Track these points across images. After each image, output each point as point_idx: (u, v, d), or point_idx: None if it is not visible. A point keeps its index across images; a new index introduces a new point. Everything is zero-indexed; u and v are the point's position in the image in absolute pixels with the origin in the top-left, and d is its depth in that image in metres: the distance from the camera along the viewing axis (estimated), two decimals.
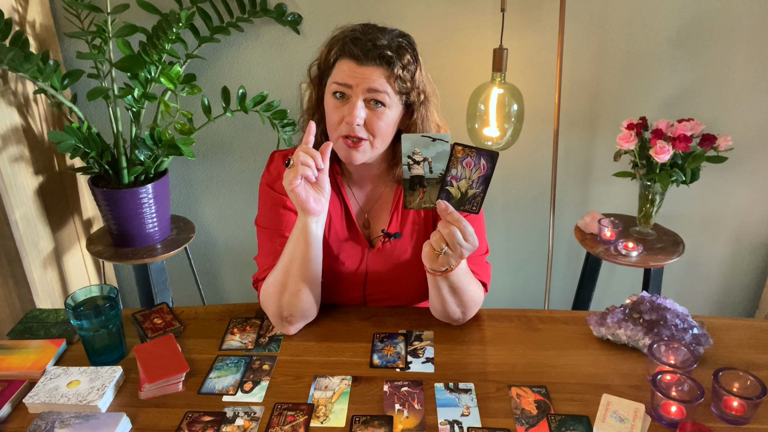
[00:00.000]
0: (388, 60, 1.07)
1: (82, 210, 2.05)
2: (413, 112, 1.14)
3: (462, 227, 0.97)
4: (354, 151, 1.10)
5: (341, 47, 1.09)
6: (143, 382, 1.01)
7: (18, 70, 1.51)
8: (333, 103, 1.10)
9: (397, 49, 1.08)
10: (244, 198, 2.18)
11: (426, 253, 1.03)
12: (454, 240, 0.98)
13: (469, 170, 0.97)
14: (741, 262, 2.20)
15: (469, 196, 0.99)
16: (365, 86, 1.06)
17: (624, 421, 0.94)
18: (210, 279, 2.36)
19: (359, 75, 1.06)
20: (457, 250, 0.99)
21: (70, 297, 1.07)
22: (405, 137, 0.97)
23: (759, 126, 1.95)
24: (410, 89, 1.11)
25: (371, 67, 1.07)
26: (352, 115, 1.07)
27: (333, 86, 1.09)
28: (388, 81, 1.08)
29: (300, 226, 1.08)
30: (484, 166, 0.97)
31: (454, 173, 0.98)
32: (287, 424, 0.95)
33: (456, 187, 0.99)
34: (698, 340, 1.08)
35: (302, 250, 1.09)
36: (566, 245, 2.21)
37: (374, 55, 1.06)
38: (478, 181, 0.98)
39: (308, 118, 1.19)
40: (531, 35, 1.88)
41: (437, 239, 1.00)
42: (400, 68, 1.08)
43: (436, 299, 1.14)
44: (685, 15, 1.83)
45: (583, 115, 1.99)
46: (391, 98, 1.09)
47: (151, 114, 1.91)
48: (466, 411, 0.97)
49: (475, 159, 0.97)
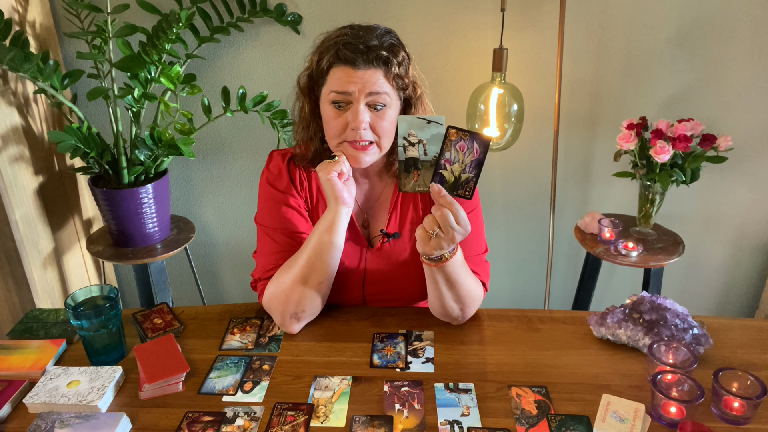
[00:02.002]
0: (385, 60, 1.07)
1: (82, 210, 2.05)
2: (410, 105, 1.16)
3: (454, 210, 0.98)
4: (362, 154, 1.11)
5: (334, 53, 1.07)
6: (143, 382, 1.01)
7: (18, 70, 1.51)
8: (333, 112, 1.10)
9: (390, 48, 1.09)
10: (244, 198, 2.18)
11: (419, 236, 1.03)
12: (447, 222, 0.98)
13: (463, 154, 0.98)
14: (741, 262, 2.20)
15: (462, 180, 1.00)
16: (366, 90, 1.06)
17: (624, 421, 0.94)
18: (210, 279, 2.36)
19: (358, 80, 1.06)
20: (449, 233, 1.00)
21: (70, 297, 1.07)
22: (401, 118, 0.98)
23: (759, 126, 1.95)
24: (407, 85, 1.13)
25: (369, 69, 1.06)
26: (357, 121, 1.07)
27: (332, 95, 1.09)
28: (386, 81, 1.08)
29: (330, 218, 1.11)
30: (477, 150, 0.98)
31: (447, 156, 0.98)
32: (287, 424, 0.95)
33: (449, 170, 0.99)
34: (698, 340, 1.08)
35: (332, 241, 1.11)
36: (566, 245, 2.21)
37: (370, 57, 1.06)
38: (471, 165, 0.99)
39: (305, 129, 1.19)
40: (531, 35, 1.88)
41: (430, 221, 1.00)
42: (396, 66, 1.09)
43: (433, 293, 1.14)
44: (685, 15, 1.83)
45: (583, 115, 1.99)
46: (390, 97, 1.09)
47: (151, 114, 1.91)
48: (466, 411, 0.97)
49: (468, 142, 0.98)
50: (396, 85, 1.10)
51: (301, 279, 1.12)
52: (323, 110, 1.13)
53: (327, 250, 1.12)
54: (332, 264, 1.14)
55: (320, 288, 1.15)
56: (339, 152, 1.11)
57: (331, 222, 1.11)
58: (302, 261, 1.12)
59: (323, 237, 1.11)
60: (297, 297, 1.13)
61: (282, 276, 1.14)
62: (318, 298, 1.16)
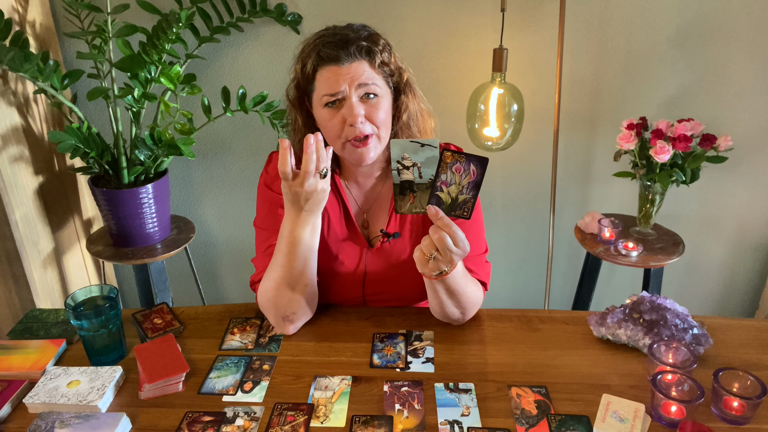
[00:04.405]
0: (367, 50, 1.08)
1: (82, 210, 2.05)
2: (400, 93, 1.16)
3: (452, 232, 0.97)
4: (364, 150, 1.10)
5: (316, 56, 1.08)
6: (143, 382, 1.01)
7: (18, 70, 1.51)
8: (328, 114, 1.10)
9: (369, 38, 1.09)
10: (244, 198, 2.18)
11: (417, 258, 1.02)
12: (444, 245, 0.97)
13: (459, 176, 0.97)
14: (741, 262, 2.20)
15: (459, 201, 0.99)
16: (355, 83, 1.07)
17: (624, 421, 0.94)
18: (210, 279, 2.36)
19: (345, 74, 1.06)
20: (447, 255, 0.98)
21: (70, 297, 1.07)
22: (393, 143, 0.97)
23: (759, 126, 1.95)
24: (393, 71, 1.13)
25: (354, 62, 1.07)
26: (352, 115, 1.07)
27: (324, 98, 1.09)
28: (373, 70, 1.09)
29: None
30: (474, 171, 0.97)
31: (443, 179, 0.97)
32: (287, 424, 0.95)
33: (446, 192, 0.98)
34: (698, 340, 1.08)
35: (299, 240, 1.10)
36: (566, 245, 2.21)
37: (352, 50, 1.06)
38: (468, 187, 0.97)
39: (300, 141, 1.16)
40: (531, 35, 1.88)
41: (427, 244, 0.99)
42: (379, 53, 1.09)
43: (434, 301, 1.14)
44: (685, 15, 1.83)
45: (583, 115, 1.99)
46: (380, 86, 1.10)
47: (151, 114, 1.91)
48: (466, 411, 0.97)
49: (464, 165, 0.96)
50: (383, 73, 1.11)
51: (285, 282, 1.11)
52: (318, 116, 1.12)
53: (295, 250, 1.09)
54: (308, 265, 1.11)
55: (304, 290, 1.13)
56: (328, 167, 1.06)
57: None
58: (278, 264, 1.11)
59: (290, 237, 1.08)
60: (285, 300, 1.13)
61: (265, 280, 1.14)
62: (303, 300, 1.14)
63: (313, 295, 1.17)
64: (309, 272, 1.12)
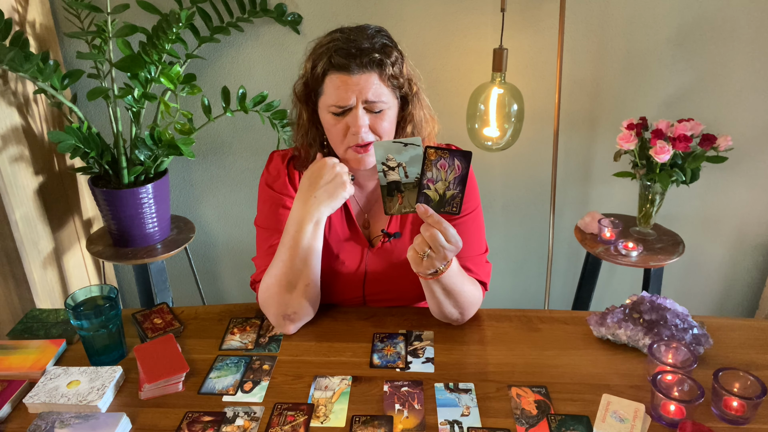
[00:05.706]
0: (378, 62, 1.07)
1: (82, 210, 2.05)
2: (407, 103, 1.15)
3: (443, 229, 0.97)
4: (365, 155, 1.11)
5: (327, 60, 1.07)
6: (143, 382, 1.01)
7: (18, 70, 1.51)
8: (332, 120, 1.10)
9: (382, 49, 1.08)
10: (244, 198, 2.18)
11: (411, 257, 1.03)
12: (436, 242, 0.98)
13: (444, 172, 0.98)
14: (741, 262, 2.19)
15: (447, 197, 0.99)
16: (363, 97, 1.06)
17: (624, 421, 0.94)
18: (210, 279, 2.36)
19: (354, 86, 1.06)
20: (440, 252, 0.99)
21: (70, 297, 1.07)
22: (377, 145, 0.98)
23: (759, 126, 1.95)
24: (402, 83, 1.13)
25: (363, 74, 1.06)
26: (357, 126, 1.07)
27: (332, 108, 1.09)
28: (382, 83, 1.08)
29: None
30: (459, 166, 0.97)
31: (429, 176, 0.98)
32: (287, 424, 0.95)
33: (433, 189, 0.99)
34: (698, 340, 1.08)
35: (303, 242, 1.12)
36: (566, 245, 2.21)
37: (363, 61, 1.05)
38: (455, 182, 0.98)
39: (304, 135, 1.18)
40: (531, 35, 1.88)
41: (420, 243, 1.00)
42: (390, 66, 1.08)
43: (431, 301, 1.14)
44: (685, 15, 1.83)
45: (583, 115, 1.99)
46: (388, 99, 1.10)
47: (151, 114, 1.91)
48: (466, 411, 0.97)
49: (449, 160, 0.97)
50: (391, 85, 1.10)
51: (287, 279, 1.12)
52: (323, 118, 1.13)
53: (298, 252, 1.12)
54: (310, 264, 1.13)
55: (306, 290, 1.14)
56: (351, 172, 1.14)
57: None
58: (279, 263, 1.12)
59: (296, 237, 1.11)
60: (285, 298, 1.13)
61: (267, 277, 1.14)
62: (304, 300, 1.15)
63: (316, 297, 1.17)
64: (311, 272, 1.13)
